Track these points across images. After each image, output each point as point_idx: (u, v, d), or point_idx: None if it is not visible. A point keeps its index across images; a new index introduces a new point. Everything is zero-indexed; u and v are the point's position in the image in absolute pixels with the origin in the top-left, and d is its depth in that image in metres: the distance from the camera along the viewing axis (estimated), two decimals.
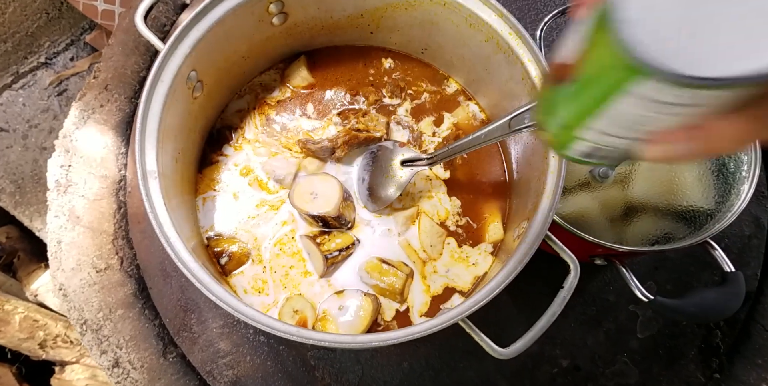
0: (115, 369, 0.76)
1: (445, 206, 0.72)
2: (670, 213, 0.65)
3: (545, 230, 0.55)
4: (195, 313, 0.77)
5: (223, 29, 0.64)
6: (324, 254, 0.66)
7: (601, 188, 0.66)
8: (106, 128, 0.86)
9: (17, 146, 1.39)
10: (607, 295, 0.78)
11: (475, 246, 0.71)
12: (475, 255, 0.71)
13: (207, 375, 0.75)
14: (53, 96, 1.43)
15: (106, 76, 0.89)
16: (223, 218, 0.71)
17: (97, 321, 0.77)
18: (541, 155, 0.61)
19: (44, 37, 1.42)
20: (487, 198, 0.73)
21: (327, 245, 0.67)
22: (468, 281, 0.69)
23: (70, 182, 0.83)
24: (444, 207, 0.72)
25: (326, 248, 0.67)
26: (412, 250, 0.70)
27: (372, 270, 0.67)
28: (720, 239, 0.63)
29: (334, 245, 0.67)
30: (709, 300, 0.59)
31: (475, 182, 0.74)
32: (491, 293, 0.54)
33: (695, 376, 0.74)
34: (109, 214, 0.82)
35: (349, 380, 0.74)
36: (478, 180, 0.74)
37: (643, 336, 0.76)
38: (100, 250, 0.80)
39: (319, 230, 0.69)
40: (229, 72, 0.72)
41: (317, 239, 0.67)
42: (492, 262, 0.70)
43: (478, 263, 0.70)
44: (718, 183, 0.65)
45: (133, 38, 0.91)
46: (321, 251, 0.66)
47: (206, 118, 0.72)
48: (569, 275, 0.55)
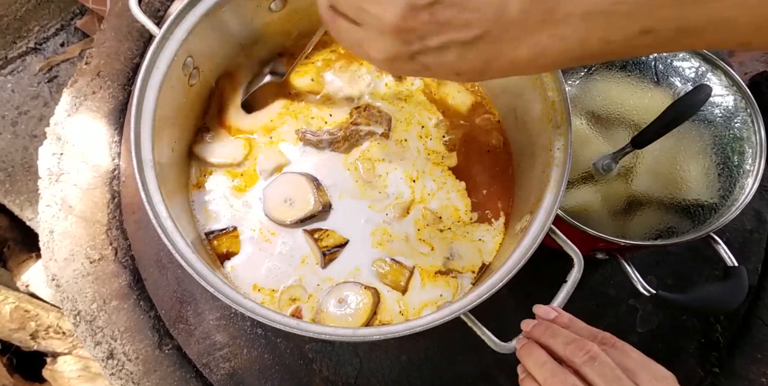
0: (110, 361, 0.75)
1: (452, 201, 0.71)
2: (673, 207, 0.64)
3: (549, 224, 0.55)
4: (191, 305, 0.76)
5: (219, 14, 0.62)
6: (322, 250, 0.65)
7: (604, 181, 0.66)
8: (99, 115, 0.84)
9: (6, 134, 1.36)
10: (607, 289, 0.78)
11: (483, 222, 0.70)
12: (482, 231, 0.69)
13: (203, 367, 0.74)
14: (43, 82, 1.40)
15: (98, 63, 0.87)
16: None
17: (91, 312, 0.76)
18: (545, 147, 0.60)
19: (33, 21, 1.38)
20: (490, 189, 0.72)
21: (326, 241, 0.66)
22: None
23: (63, 171, 0.81)
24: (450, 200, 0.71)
25: (324, 244, 0.66)
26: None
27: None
28: (721, 233, 0.63)
29: (332, 241, 0.66)
30: (712, 295, 0.59)
31: (477, 172, 0.73)
32: (494, 286, 0.53)
33: (695, 370, 0.74)
34: (103, 204, 0.80)
35: (348, 373, 0.74)
36: (480, 171, 0.73)
37: (643, 330, 0.76)
38: (94, 240, 0.78)
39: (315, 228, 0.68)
40: (225, 59, 0.70)
41: (315, 235, 0.66)
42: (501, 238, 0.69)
43: (485, 241, 0.69)
44: (722, 177, 0.65)
45: (126, 23, 0.89)
46: (319, 248, 0.65)
47: (202, 106, 0.71)
48: (573, 269, 0.54)
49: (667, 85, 0.68)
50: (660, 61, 0.69)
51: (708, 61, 0.68)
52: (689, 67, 0.69)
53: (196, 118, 0.69)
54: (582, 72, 0.69)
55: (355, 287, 0.65)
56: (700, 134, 0.66)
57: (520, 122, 0.68)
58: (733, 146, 0.65)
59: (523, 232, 0.57)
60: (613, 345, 0.44)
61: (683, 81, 0.68)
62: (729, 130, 0.66)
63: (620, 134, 0.66)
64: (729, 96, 0.67)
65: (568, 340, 0.44)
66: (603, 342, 0.44)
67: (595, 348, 0.42)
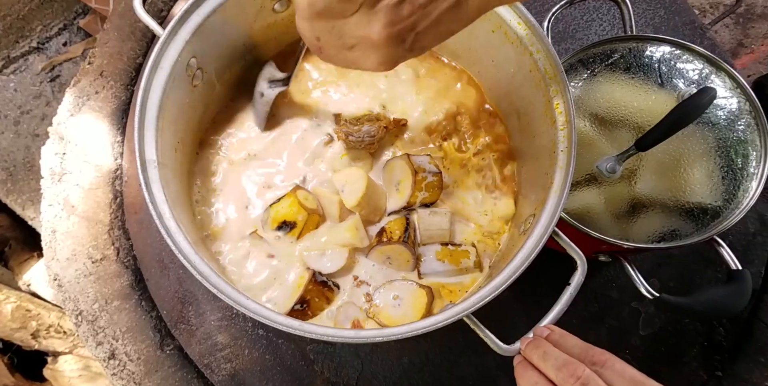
0: (111, 361, 0.75)
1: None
2: (677, 210, 0.64)
3: (552, 227, 0.55)
4: (193, 305, 0.76)
5: (223, 15, 0.62)
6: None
7: (608, 183, 0.65)
8: (102, 115, 0.84)
9: (9, 133, 1.36)
10: (610, 292, 0.78)
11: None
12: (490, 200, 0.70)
13: (205, 367, 0.74)
14: (45, 82, 1.40)
15: (101, 62, 0.86)
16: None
17: (92, 312, 0.76)
18: (548, 150, 0.60)
19: (36, 20, 1.38)
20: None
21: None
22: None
23: (65, 171, 0.81)
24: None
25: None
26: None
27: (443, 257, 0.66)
28: (724, 236, 0.62)
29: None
30: (716, 298, 0.58)
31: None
32: (497, 289, 0.53)
33: (697, 374, 0.74)
34: (105, 203, 0.80)
35: (349, 374, 0.74)
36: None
37: (646, 333, 0.76)
38: (96, 240, 0.78)
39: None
40: (229, 60, 0.70)
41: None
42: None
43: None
44: (725, 180, 0.64)
45: (129, 23, 0.88)
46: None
47: (205, 108, 0.71)
48: (576, 272, 0.54)
49: (670, 88, 0.68)
50: (664, 63, 0.69)
51: (712, 63, 0.68)
52: (693, 69, 0.69)
53: (199, 119, 0.69)
54: (585, 74, 0.69)
55: (409, 286, 0.65)
56: (704, 136, 0.66)
57: (523, 124, 0.68)
58: (736, 148, 0.65)
59: (527, 234, 0.57)
60: (603, 365, 0.43)
61: (687, 83, 0.68)
62: (733, 132, 0.66)
63: (624, 136, 0.66)
64: (733, 98, 0.67)
65: (558, 364, 0.44)
66: (593, 361, 0.44)
67: (586, 372, 0.42)
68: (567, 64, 0.69)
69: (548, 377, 0.45)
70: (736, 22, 1.64)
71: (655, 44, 0.69)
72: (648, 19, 0.90)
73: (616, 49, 0.69)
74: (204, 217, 0.67)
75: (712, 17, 1.63)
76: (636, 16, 0.72)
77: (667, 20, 0.90)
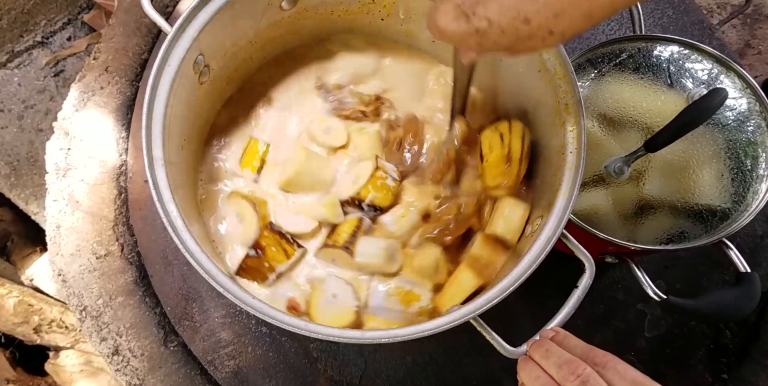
0: (115, 357, 0.75)
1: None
2: (685, 211, 0.64)
3: (561, 229, 0.54)
4: (197, 302, 0.76)
5: (231, 12, 0.61)
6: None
7: (616, 184, 0.65)
8: (107, 111, 0.84)
9: (12, 127, 1.36)
10: (616, 293, 0.77)
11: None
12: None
13: (208, 364, 0.74)
14: (50, 76, 1.40)
15: (106, 58, 0.86)
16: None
17: (96, 308, 0.76)
18: (557, 150, 0.60)
19: (40, 15, 1.38)
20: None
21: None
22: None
23: (70, 166, 0.80)
24: None
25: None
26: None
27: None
28: (732, 238, 0.62)
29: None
30: (724, 301, 0.58)
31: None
32: (504, 291, 0.52)
33: (703, 377, 0.74)
34: (110, 199, 0.80)
35: (352, 373, 0.74)
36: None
37: (651, 335, 0.76)
38: (100, 236, 0.78)
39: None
40: (235, 57, 0.69)
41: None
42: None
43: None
44: (735, 182, 0.64)
45: (134, 19, 0.88)
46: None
47: (211, 105, 0.70)
48: (584, 275, 0.53)
49: (680, 88, 0.67)
50: (672, 63, 0.68)
51: (721, 63, 0.68)
52: (702, 69, 0.68)
53: (206, 116, 0.69)
54: (593, 74, 0.68)
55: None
56: (713, 137, 0.65)
57: (532, 125, 0.68)
58: (746, 150, 0.65)
59: (534, 236, 0.56)
60: (605, 366, 0.43)
61: (696, 83, 0.67)
62: (742, 134, 0.65)
63: (632, 136, 0.66)
64: (743, 99, 0.67)
65: (560, 362, 0.44)
66: (595, 361, 0.44)
67: (587, 371, 0.42)
68: (575, 64, 0.68)
69: (549, 374, 0.45)
70: (743, 22, 1.63)
71: (663, 44, 0.69)
72: (656, 18, 0.90)
73: (625, 48, 0.69)
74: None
75: (720, 18, 1.62)
76: (644, 16, 0.71)
77: (676, 20, 0.90)
